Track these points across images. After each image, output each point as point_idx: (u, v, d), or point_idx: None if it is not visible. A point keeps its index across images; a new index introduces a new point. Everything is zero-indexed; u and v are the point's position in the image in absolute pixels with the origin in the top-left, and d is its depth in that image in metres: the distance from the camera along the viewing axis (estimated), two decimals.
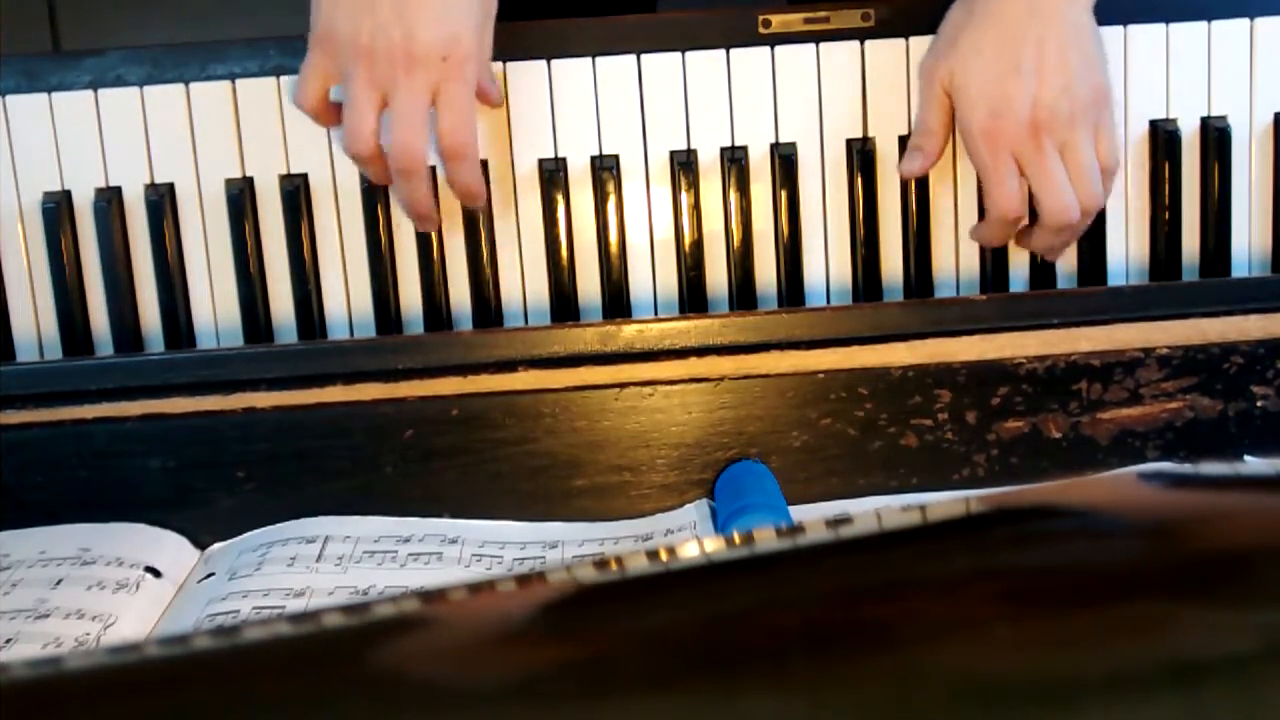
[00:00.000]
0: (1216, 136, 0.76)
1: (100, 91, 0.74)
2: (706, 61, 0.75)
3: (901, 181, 0.76)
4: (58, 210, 0.74)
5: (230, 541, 0.65)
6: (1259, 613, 0.19)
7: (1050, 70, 0.69)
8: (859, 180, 0.75)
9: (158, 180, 0.75)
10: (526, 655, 0.19)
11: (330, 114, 0.71)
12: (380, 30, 0.65)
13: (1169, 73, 0.76)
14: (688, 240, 0.75)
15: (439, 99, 0.67)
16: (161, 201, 0.74)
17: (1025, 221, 0.72)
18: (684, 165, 0.75)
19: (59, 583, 0.59)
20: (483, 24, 0.69)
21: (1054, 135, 0.69)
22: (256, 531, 0.65)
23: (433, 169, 0.72)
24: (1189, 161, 0.76)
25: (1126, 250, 0.76)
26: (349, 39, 0.66)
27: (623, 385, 0.67)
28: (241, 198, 0.74)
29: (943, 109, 0.73)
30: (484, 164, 0.75)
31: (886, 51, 0.75)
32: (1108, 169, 0.72)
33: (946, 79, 0.72)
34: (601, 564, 0.22)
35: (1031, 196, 0.71)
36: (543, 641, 0.19)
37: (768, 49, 0.75)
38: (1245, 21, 0.76)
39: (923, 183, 0.75)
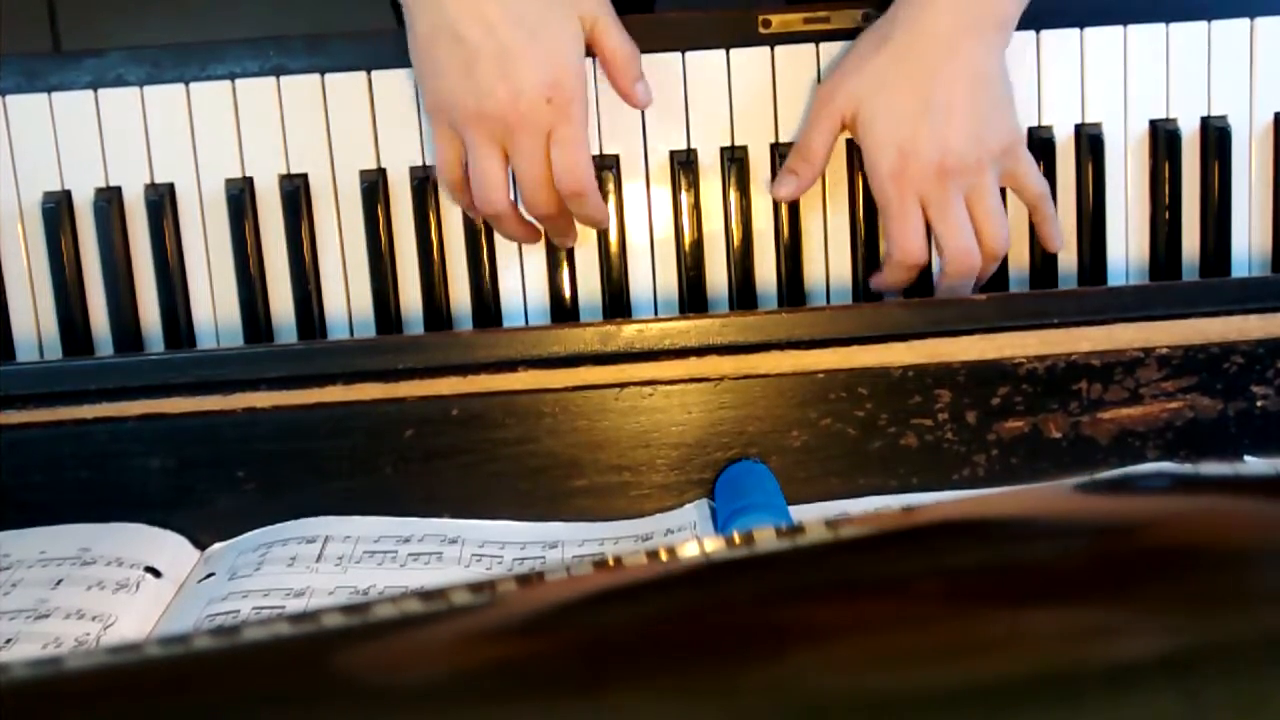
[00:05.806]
0: (1216, 136, 0.76)
1: (100, 91, 0.74)
2: (706, 61, 0.75)
3: None
4: (58, 210, 0.74)
5: (230, 541, 0.65)
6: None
7: (960, 114, 0.68)
8: (859, 180, 0.75)
9: (158, 180, 0.75)
10: (523, 655, 0.19)
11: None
12: (484, 92, 0.66)
13: (1169, 73, 0.76)
14: (688, 240, 0.75)
15: (551, 142, 0.67)
16: (161, 201, 0.74)
17: (924, 264, 0.71)
18: (684, 165, 0.75)
19: (59, 583, 0.59)
20: (583, 54, 0.69)
21: (961, 180, 0.68)
22: (256, 531, 0.65)
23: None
24: (1189, 161, 0.76)
25: (1126, 250, 0.76)
26: (459, 106, 0.67)
27: (623, 385, 0.67)
28: (241, 198, 0.74)
29: (831, 135, 0.72)
30: None
31: None
32: (1041, 194, 0.72)
33: (849, 108, 0.70)
34: (601, 564, 0.22)
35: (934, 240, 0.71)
36: (540, 641, 0.19)
37: (768, 49, 0.75)
38: (1245, 21, 0.76)
39: None
